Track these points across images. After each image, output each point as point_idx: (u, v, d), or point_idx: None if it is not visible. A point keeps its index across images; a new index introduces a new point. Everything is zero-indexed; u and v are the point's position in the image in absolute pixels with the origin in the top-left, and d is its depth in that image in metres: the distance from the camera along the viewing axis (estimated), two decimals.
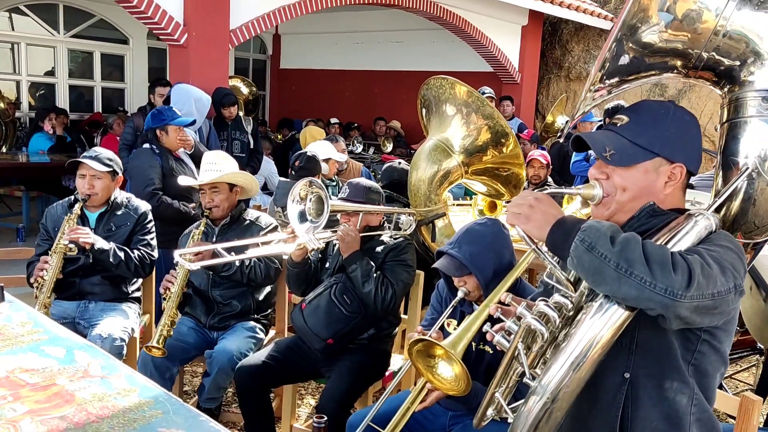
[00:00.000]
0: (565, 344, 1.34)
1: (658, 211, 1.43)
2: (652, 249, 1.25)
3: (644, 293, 1.22)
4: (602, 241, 1.26)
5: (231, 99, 5.51)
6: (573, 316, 1.40)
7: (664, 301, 1.21)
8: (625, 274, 1.22)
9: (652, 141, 1.43)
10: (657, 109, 1.48)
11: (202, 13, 5.40)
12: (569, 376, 1.32)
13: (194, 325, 3.01)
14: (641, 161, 1.43)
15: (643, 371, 1.41)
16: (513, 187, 3.19)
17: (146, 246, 3.09)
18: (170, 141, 3.97)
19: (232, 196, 3.06)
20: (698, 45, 1.45)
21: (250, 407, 2.71)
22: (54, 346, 1.93)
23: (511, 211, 1.42)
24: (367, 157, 8.42)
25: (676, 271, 1.21)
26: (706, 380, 1.44)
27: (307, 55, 11.47)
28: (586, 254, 1.26)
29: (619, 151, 1.43)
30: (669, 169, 1.44)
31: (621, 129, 1.47)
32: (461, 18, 8.07)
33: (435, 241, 3.13)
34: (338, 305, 2.62)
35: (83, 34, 9.25)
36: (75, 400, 1.62)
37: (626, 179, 1.44)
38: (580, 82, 10.02)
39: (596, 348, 1.31)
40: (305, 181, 2.42)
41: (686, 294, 1.21)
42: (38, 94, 9.31)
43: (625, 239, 1.26)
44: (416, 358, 1.75)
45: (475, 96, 3.04)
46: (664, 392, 1.41)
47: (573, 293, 1.40)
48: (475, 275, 2.13)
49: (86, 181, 2.97)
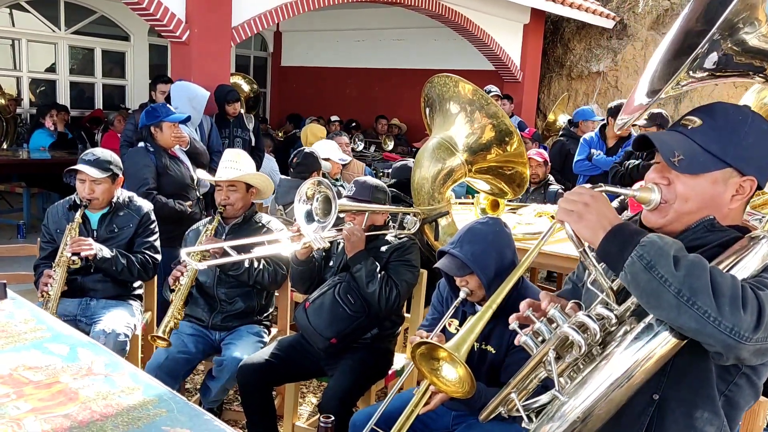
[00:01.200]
0: (604, 363, 1.25)
1: (717, 227, 1.32)
2: (722, 279, 1.13)
3: (706, 328, 1.11)
4: (664, 261, 1.14)
5: (234, 95, 5.49)
6: (614, 331, 1.30)
7: (727, 341, 1.11)
8: (687, 303, 1.12)
9: (725, 149, 1.30)
10: (734, 114, 1.34)
11: (204, 9, 5.39)
12: (604, 398, 1.24)
13: (195, 330, 2.97)
14: (711, 170, 1.30)
15: (673, 395, 1.33)
16: (517, 185, 3.18)
17: (149, 248, 3.08)
18: (164, 138, 3.94)
19: (248, 196, 3.05)
20: None
21: (252, 405, 2.70)
22: (57, 343, 1.92)
23: (563, 207, 1.30)
24: (368, 155, 8.41)
25: (745, 309, 1.11)
26: (735, 412, 1.37)
27: (308, 53, 11.45)
28: (644, 273, 1.15)
29: (688, 156, 1.30)
30: (739, 182, 1.32)
31: (692, 132, 1.33)
32: (463, 16, 8.06)
33: (438, 239, 3.12)
34: (342, 305, 2.61)
35: (84, 30, 9.23)
36: (79, 398, 1.61)
37: (691, 188, 1.31)
38: (581, 80, 10.01)
39: (638, 374, 1.22)
40: (313, 180, 2.41)
41: (752, 336, 1.11)
42: (39, 91, 9.30)
43: (691, 263, 1.15)
44: (419, 361, 1.74)
45: (479, 94, 3.03)
46: (693, 421, 1.32)
47: (616, 306, 1.29)
48: (477, 274, 2.11)
49: (86, 186, 2.95)
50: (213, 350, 2.97)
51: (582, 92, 10.04)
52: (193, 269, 2.72)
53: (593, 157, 5.23)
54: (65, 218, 3.00)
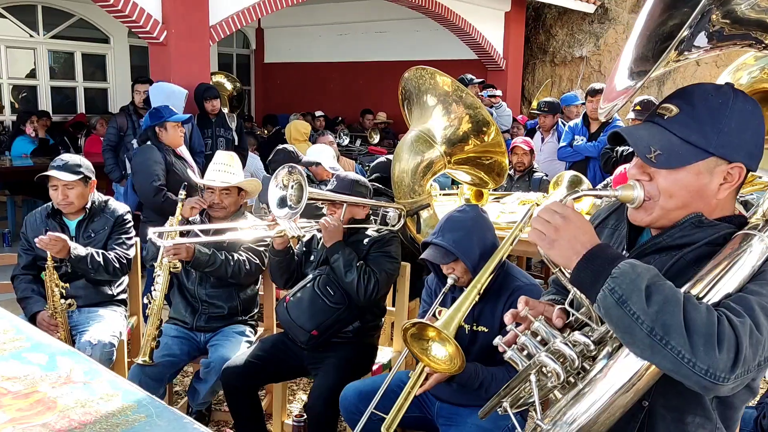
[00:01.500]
0: (588, 389, 1.20)
1: (705, 223, 1.24)
2: (695, 314, 1.06)
3: (681, 369, 1.05)
4: (636, 296, 1.07)
5: (213, 92, 5.49)
6: (595, 353, 1.24)
7: (702, 382, 1.05)
8: (660, 342, 1.05)
9: (707, 138, 1.20)
10: (713, 97, 1.23)
11: (180, 9, 5.36)
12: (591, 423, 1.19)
13: (179, 332, 2.96)
14: (693, 162, 1.21)
15: (663, 401, 1.27)
16: (496, 175, 3.19)
17: (121, 245, 3.05)
18: (170, 138, 4.05)
19: (239, 199, 3.08)
20: None
21: (238, 407, 2.70)
22: (36, 352, 1.92)
23: (535, 228, 1.21)
24: (354, 149, 8.40)
25: (721, 348, 1.04)
26: (731, 411, 1.30)
27: (291, 49, 11.41)
28: (615, 309, 1.09)
29: (666, 151, 1.21)
30: (726, 170, 1.22)
31: (669, 123, 1.23)
32: (444, 6, 8.04)
33: (420, 232, 3.13)
34: (321, 296, 2.63)
35: (63, 34, 9.16)
36: (57, 406, 1.61)
37: (673, 183, 1.22)
38: (565, 66, 10.02)
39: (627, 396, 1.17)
40: (286, 167, 2.43)
41: (730, 376, 1.04)
42: (21, 97, 9.22)
43: (664, 298, 1.07)
44: (411, 342, 1.78)
45: (455, 85, 3.03)
46: (685, 426, 1.27)
47: (597, 325, 1.25)
48: (461, 260, 2.17)
49: (59, 192, 2.94)
50: (199, 352, 2.96)
51: (566, 78, 10.06)
52: (165, 277, 2.70)
53: (574, 144, 5.25)
54: (44, 226, 2.99)
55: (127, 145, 5.14)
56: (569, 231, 1.17)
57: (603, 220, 1.48)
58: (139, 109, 5.23)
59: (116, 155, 5.21)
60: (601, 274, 1.12)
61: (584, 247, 1.16)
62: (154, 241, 2.66)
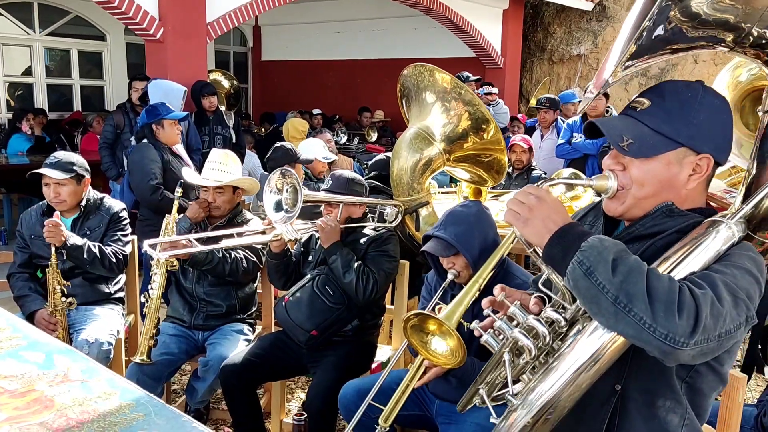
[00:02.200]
0: (556, 364, 1.24)
1: (675, 212, 1.30)
2: (657, 283, 1.11)
3: (642, 335, 1.10)
4: (602, 266, 1.12)
5: (210, 89, 5.48)
6: (567, 330, 1.29)
7: (662, 347, 1.09)
8: (624, 310, 1.10)
9: (677, 129, 1.27)
10: (683, 91, 1.30)
11: (177, 6, 5.33)
12: (557, 398, 1.23)
13: (177, 331, 2.95)
14: (663, 152, 1.28)
15: (635, 385, 1.32)
16: (495, 172, 3.18)
17: (117, 242, 3.03)
18: (166, 135, 4.02)
19: (235, 198, 3.05)
20: (751, 18, 1.25)
21: (236, 405, 2.69)
22: (33, 351, 1.90)
23: (510, 209, 1.27)
24: (352, 147, 8.39)
25: (681, 314, 1.08)
26: (700, 399, 1.35)
27: (289, 47, 11.38)
28: (583, 279, 1.14)
29: (638, 140, 1.27)
30: (695, 161, 1.29)
31: (641, 115, 1.30)
32: (442, 4, 8.03)
33: (419, 230, 3.12)
34: (321, 296, 2.62)
35: (59, 31, 9.12)
36: (54, 405, 1.60)
37: (645, 172, 1.29)
38: (563, 64, 10.02)
39: (590, 372, 1.21)
40: (279, 171, 2.42)
41: (688, 341, 1.08)
42: (17, 95, 9.18)
43: (629, 268, 1.12)
44: (411, 334, 1.78)
45: (454, 82, 3.02)
46: (656, 410, 1.31)
47: (570, 305, 1.29)
48: (462, 254, 2.18)
49: (51, 189, 2.93)
50: (197, 350, 2.95)
51: (564, 76, 10.05)
52: (161, 276, 2.68)
53: (573, 141, 5.24)
54: (39, 224, 2.97)
55: (124, 142, 5.12)
56: (542, 211, 1.23)
57: (582, 217, 1.54)
58: (136, 107, 5.21)
59: (113, 153, 5.20)
60: (570, 249, 1.17)
61: (556, 225, 1.22)
62: (150, 254, 2.60)
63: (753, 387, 3.56)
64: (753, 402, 2.52)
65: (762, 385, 3.55)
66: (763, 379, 3.60)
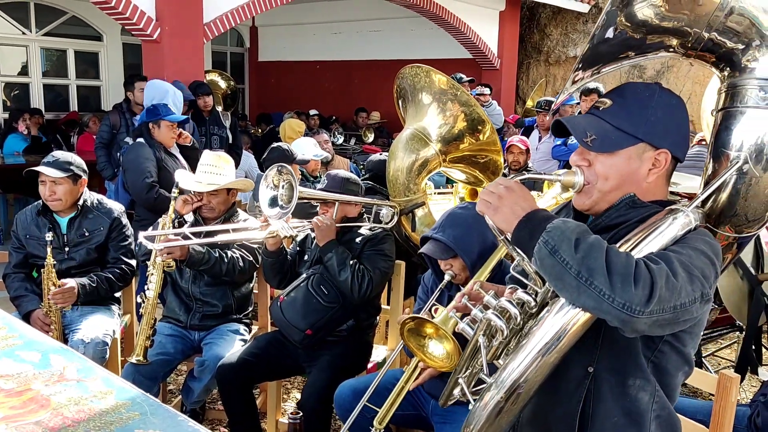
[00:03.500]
0: (525, 342, 1.32)
1: (638, 203, 1.38)
2: (615, 258, 1.19)
3: (602, 305, 1.18)
4: (565, 245, 1.20)
5: (205, 89, 5.48)
6: (537, 312, 1.36)
7: (620, 315, 1.17)
8: (585, 283, 1.18)
9: (636, 126, 1.37)
10: (642, 91, 1.40)
11: (174, 6, 5.33)
12: (526, 375, 1.29)
13: (173, 331, 2.94)
14: (624, 147, 1.37)
15: (606, 366, 1.39)
16: (491, 173, 3.19)
17: (125, 254, 3.06)
18: (162, 135, 4.04)
19: (229, 198, 3.04)
20: (700, 23, 1.32)
21: (233, 404, 2.69)
22: (29, 350, 1.91)
23: (481, 199, 1.36)
24: (349, 148, 8.40)
25: (637, 285, 1.16)
26: (667, 378, 1.41)
27: (285, 47, 11.38)
28: (548, 258, 1.22)
29: (600, 136, 1.36)
30: (653, 156, 1.38)
31: (604, 113, 1.40)
32: (438, 5, 8.05)
33: (415, 230, 3.12)
34: (315, 296, 2.62)
35: (56, 31, 9.09)
36: (50, 404, 1.60)
37: (608, 167, 1.38)
38: (559, 66, 10.04)
39: (555, 349, 1.28)
40: (276, 167, 2.42)
41: (644, 310, 1.16)
42: (13, 95, 9.16)
43: (589, 246, 1.20)
44: (407, 337, 1.78)
45: (450, 83, 3.03)
46: (627, 389, 1.38)
47: (540, 288, 1.37)
48: (460, 257, 2.17)
49: (47, 188, 2.93)
50: (193, 350, 2.95)
51: (560, 77, 10.07)
52: (158, 277, 2.68)
53: (569, 143, 5.26)
54: (34, 224, 2.97)
55: (120, 142, 5.11)
56: (511, 198, 1.32)
57: (556, 213, 1.58)
58: (133, 107, 5.21)
59: (109, 153, 5.19)
60: (536, 231, 1.25)
61: (524, 211, 1.31)
62: (145, 244, 2.63)
63: (747, 387, 3.58)
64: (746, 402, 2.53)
65: (756, 386, 3.56)
66: (756, 380, 3.61)
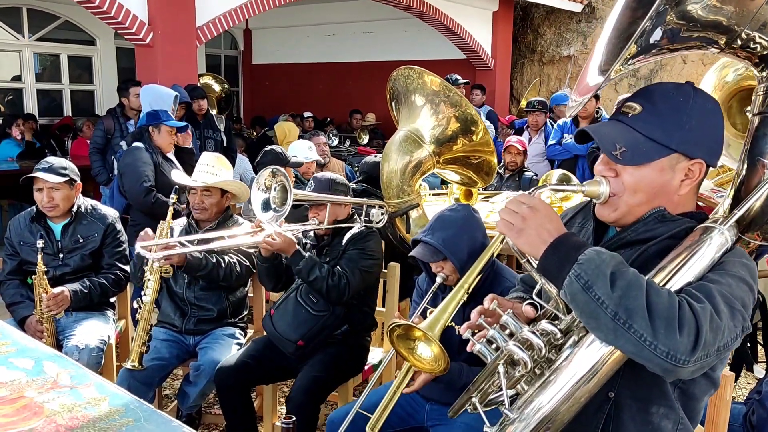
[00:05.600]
0: (553, 377, 1.22)
1: (668, 217, 1.28)
2: (657, 299, 1.08)
3: (643, 353, 1.08)
4: (601, 281, 1.09)
5: (199, 92, 5.48)
6: (563, 342, 1.26)
7: (663, 365, 1.08)
8: (623, 326, 1.08)
9: (669, 135, 1.25)
10: (675, 95, 1.28)
11: (166, 10, 5.33)
12: (555, 412, 1.21)
13: (168, 336, 2.94)
14: (656, 159, 1.25)
15: (628, 393, 1.30)
16: (485, 174, 3.18)
17: (120, 260, 3.06)
18: (162, 140, 4.06)
19: (223, 201, 3.04)
20: (743, 20, 1.25)
21: (231, 407, 2.69)
22: (22, 357, 1.89)
23: (503, 218, 1.23)
24: (343, 149, 8.39)
25: (681, 331, 1.06)
26: (693, 403, 1.34)
27: (279, 50, 11.38)
28: (581, 294, 1.11)
29: (630, 147, 1.25)
30: (687, 166, 1.27)
31: (633, 120, 1.28)
32: (431, 6, 8.05)
33: (410, 232, 3.12)
34: (305, 305, 2.61)
35: (49, 36, 9.08)
36: (44, 412, 1.59)
37: (638, 179, 1.27)
38: (553, 65, 10.06)
39: (589, 385, 1.19)
40: (269, 170, 2.41)
41: (690, 359, 1.07)
42: (7, 100, 9.14)
43: (628, 284, 1.09)
44: (397, 343, 1.78)
45: (443, 85, 3.03)
46: (650, 416, 1.30)
47: (564, 315, 1.26)
48: (449, 259, 2.16)
49: (44, 194, 2.92)
50: (188, 355, 2.94)
51: (554, 77, 10.10)
52: (155, 281, 2.68)
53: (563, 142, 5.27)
54: (28, 230, 2.96)
55: (114, 147, 5.10)
56: (536, 220, 1.19)
57: (570, 218, 1.51)
58: (127, 112, 5.20)
59: (103, 158, 5.18)
60: (567, 261, 1.14)
61: (551, 236, 1.18)
62: (142, 255, 2.61)
63: (743, 385, 3.58)
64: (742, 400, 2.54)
65: (751, 383, 3.57)
66: (752, 377, 3.62)
